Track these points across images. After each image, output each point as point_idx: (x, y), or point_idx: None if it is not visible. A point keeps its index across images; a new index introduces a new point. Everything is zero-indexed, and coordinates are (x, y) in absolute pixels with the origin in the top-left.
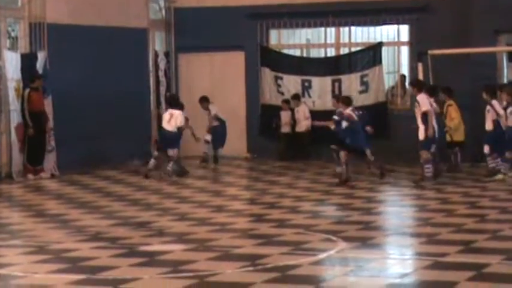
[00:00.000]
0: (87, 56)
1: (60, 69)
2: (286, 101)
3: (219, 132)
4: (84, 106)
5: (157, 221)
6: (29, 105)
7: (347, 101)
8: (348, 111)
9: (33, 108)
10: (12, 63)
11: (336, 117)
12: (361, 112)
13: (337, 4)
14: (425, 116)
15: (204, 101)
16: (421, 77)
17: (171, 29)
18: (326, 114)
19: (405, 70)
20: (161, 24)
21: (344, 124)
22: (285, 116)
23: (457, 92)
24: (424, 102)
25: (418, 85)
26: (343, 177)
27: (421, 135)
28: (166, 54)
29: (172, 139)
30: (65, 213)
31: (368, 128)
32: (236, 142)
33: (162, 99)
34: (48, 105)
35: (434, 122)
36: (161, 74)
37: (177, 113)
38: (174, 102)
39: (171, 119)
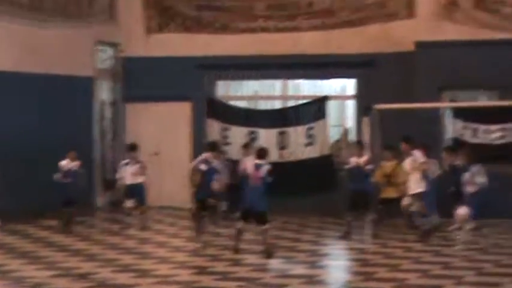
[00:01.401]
0: (31, 105)
1: (3, 118)
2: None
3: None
4: (27, 155)
5: (100, 272)
6: None
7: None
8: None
9: None
10: None
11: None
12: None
13: (285, 57)
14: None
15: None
16: (366, 131)
17: (118, 78)
18: (272, 166)
19: (351, 124)
20: (109, 73)
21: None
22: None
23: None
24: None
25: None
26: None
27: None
28: (113, 104)
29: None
30: (5, 263)
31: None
32: (181, 193)
33: (108, 149)
34: None
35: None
36: (107, 123)
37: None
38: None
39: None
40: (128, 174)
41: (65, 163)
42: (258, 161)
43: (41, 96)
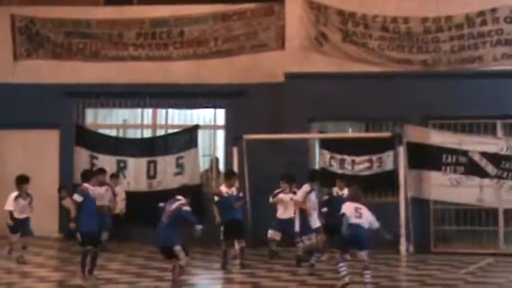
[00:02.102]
0: None
1: None
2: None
3: None
4: None
5: None
6: None
7: None
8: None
9: None
10: None
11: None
12: None
13: (154, 86)
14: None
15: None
16: (235, 161)
17: None
18: (141, 196)
19: (221, 153)
20: None
21: None
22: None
23: (270, 177)
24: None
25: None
26: None
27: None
28: None
29: None
30: None
31: None
32: (48, 222)
33: None
34: None
35: None
36: None
37: None
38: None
39: None
40: (19, 208)
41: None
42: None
43: None
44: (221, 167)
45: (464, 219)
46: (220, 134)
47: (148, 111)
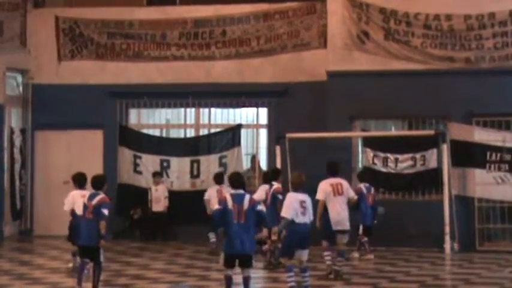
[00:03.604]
0: None
1: None
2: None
3: None
4: None
5: None
6: None
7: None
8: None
9: None
10: None
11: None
12: None
13: (197, 85)
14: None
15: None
16: (278, 160)
17: (28, 105)
18: (184, 195)
19: (263, 152)
20: (18, 100)
21: None
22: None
23: (313, 176)
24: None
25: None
26: None
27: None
28: (23, 131)
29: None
30: None
31: None
32: None
33: (17, 177)
34: None
35: None
36: (16, 151)
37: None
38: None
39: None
40: None
41: None
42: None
43: None
44: (263, 165)
45: (509, 217)
46: (263, 133)
47: (191, 111)
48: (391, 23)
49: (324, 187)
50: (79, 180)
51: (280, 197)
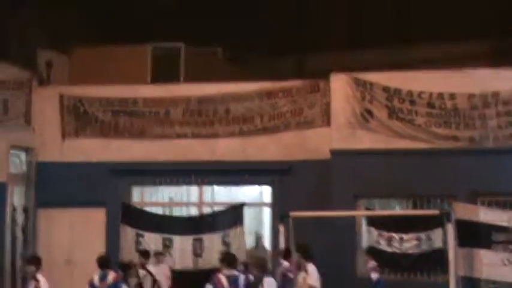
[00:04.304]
0: None
1: None
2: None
3: None
4: None
5: None
6: None
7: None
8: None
9: None
10: None
11: None
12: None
13: (200, 163)
14: None
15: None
16: (282, 238)
17: (31, 183)
18: (187, 274)
19: (267, 231)
20: (21, 178)
21: None
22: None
23: (318, 254)
24: (314, 274)
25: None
26: None
27: None
28: (25, 210)
29: None
30: None
31: None
32: None
33: (18, 256)
34: None
35: None
36: (18, 229)
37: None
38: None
39: None
40: None
41: None
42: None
43: None
44: (267, 244)
45: None
46: (267, 211)
47: (194, 189)
48: (394, 101)
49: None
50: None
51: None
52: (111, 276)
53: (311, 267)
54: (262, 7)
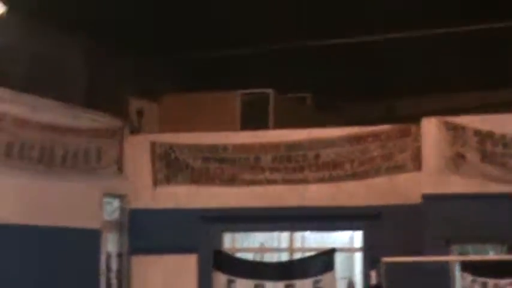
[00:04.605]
0: (34, 257)
1: (5, 272)
2: None
3: None
4: None
5: None
6: None
7: None
8: None
9: None
10: None
11: None
12: None
13: (291, 209)
14: None
15: None
16: (373, 284)
17: (124, 230)
18: None
19: (358, 276)
20: (115, 225)
21: None
22: None
23: None
24: None
25: None
26: None
27: None
28: (119, 256)
29: None
30: None
31: None
32: None
33: None
34: None
35: None
36: (113, 276)
37: None
38: None
39: None
40: None
41: None
42: None
43: (47, 248)
44: None
45: None
46: (358, 257)
47: (285, 235)
48: (487, 145)
49: None
50: None
51: None
52: None
53: None
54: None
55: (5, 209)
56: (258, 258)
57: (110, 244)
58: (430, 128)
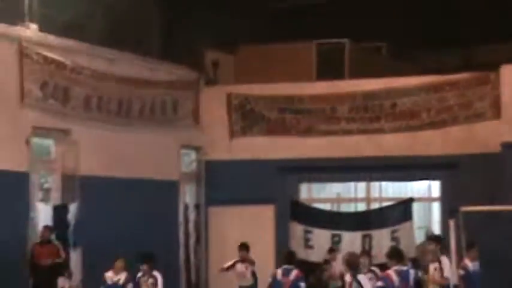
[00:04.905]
0: (117, 208)
1: (91, 221)
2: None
3: None
4: (114, 257)
5: None
6: (33, 259)
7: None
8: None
9: (38, 262)
10: (44, 214)
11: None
12: None
13: (367, 159)
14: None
15: (244, 248)
16: (452, 233)
17: (201, 181)
18: None
19: (436, 226)
20: (192, 176)
21: None
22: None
23: (487, 249)
24: (448, 266)
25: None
26: None
27: None
28: (197, 207)
29: None
30: None
31: None
32: None
33: (192, 252)
34: (76, 257)
35: None
36: (191, 226)
37: None
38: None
39: None
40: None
41: (110, 275)
42: (286, 266)
43: (129, 199)
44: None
45: None
46: (436, 206)
47: (361, 185)
48: None
49: None
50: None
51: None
52: (294, 273)
53: (445, 260)
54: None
55: (88, 161)
56: (334, 208)
57: (188, 195)
58: (510, 76)
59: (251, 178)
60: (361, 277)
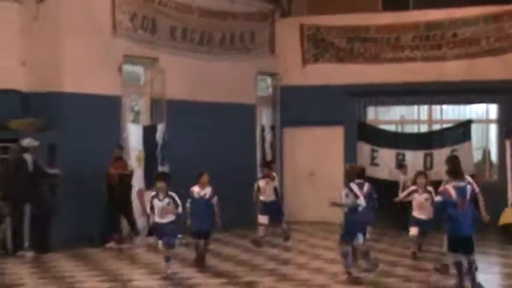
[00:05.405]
0: (201, 129)
1: (177, 140)
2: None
3: (276, 209)
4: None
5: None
6: (107, 173)
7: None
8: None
9: (110, 174)
10: (135, 134)
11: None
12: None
13: (429, 84)
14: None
15: (266, 165)
16: (508, 153)
17: (276, 105)
18: None
19: (493, 146)
20: (268, 100)
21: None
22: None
23: None
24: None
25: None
26: None
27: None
28: (272, 128)
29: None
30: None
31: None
32: (334, 210)
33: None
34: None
35: None
36: (267, 146)
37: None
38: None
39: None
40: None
41: (196, 189)
42: (358, 181)
43: (211, 121)
44: (493, 159)
45: None
46: (493, 128)
47: (424, 108)
48: None
49: None
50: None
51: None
52: (367, 186)
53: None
54: None
55: (174, 86)
56: (399, 129)
57: (264, 118)
58: None
59: (322, 102)
60: (352, 185)
